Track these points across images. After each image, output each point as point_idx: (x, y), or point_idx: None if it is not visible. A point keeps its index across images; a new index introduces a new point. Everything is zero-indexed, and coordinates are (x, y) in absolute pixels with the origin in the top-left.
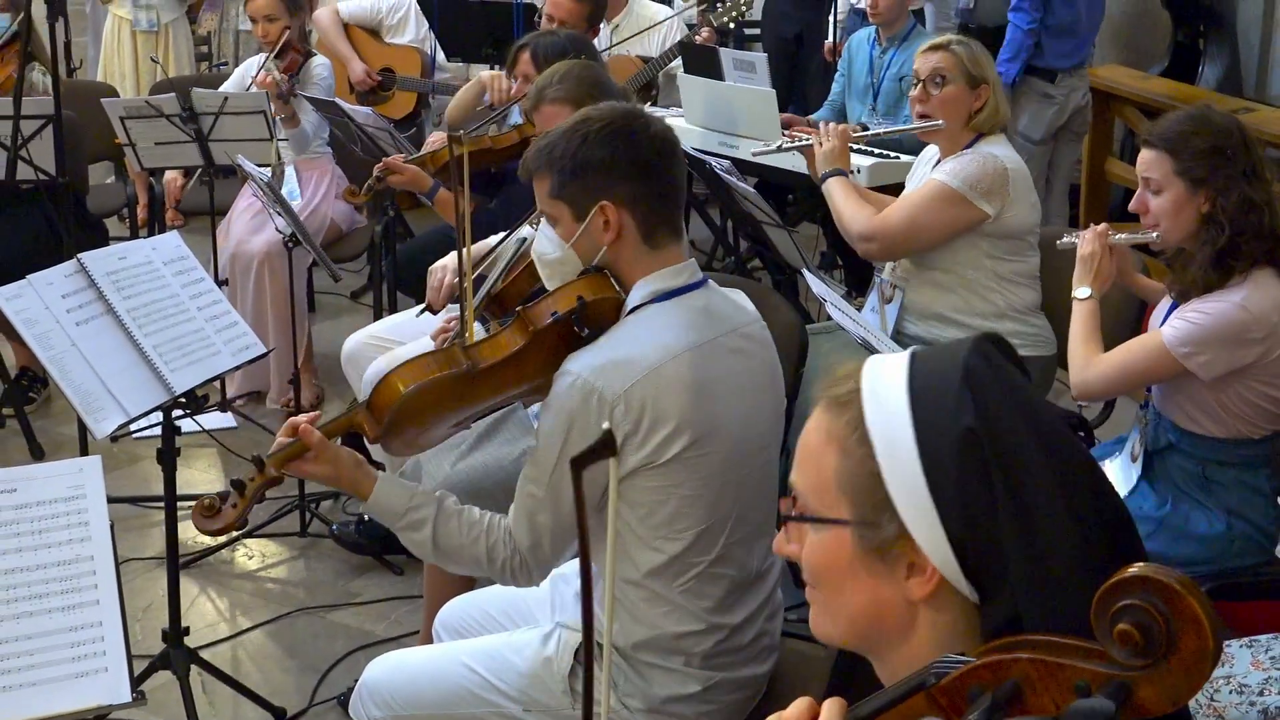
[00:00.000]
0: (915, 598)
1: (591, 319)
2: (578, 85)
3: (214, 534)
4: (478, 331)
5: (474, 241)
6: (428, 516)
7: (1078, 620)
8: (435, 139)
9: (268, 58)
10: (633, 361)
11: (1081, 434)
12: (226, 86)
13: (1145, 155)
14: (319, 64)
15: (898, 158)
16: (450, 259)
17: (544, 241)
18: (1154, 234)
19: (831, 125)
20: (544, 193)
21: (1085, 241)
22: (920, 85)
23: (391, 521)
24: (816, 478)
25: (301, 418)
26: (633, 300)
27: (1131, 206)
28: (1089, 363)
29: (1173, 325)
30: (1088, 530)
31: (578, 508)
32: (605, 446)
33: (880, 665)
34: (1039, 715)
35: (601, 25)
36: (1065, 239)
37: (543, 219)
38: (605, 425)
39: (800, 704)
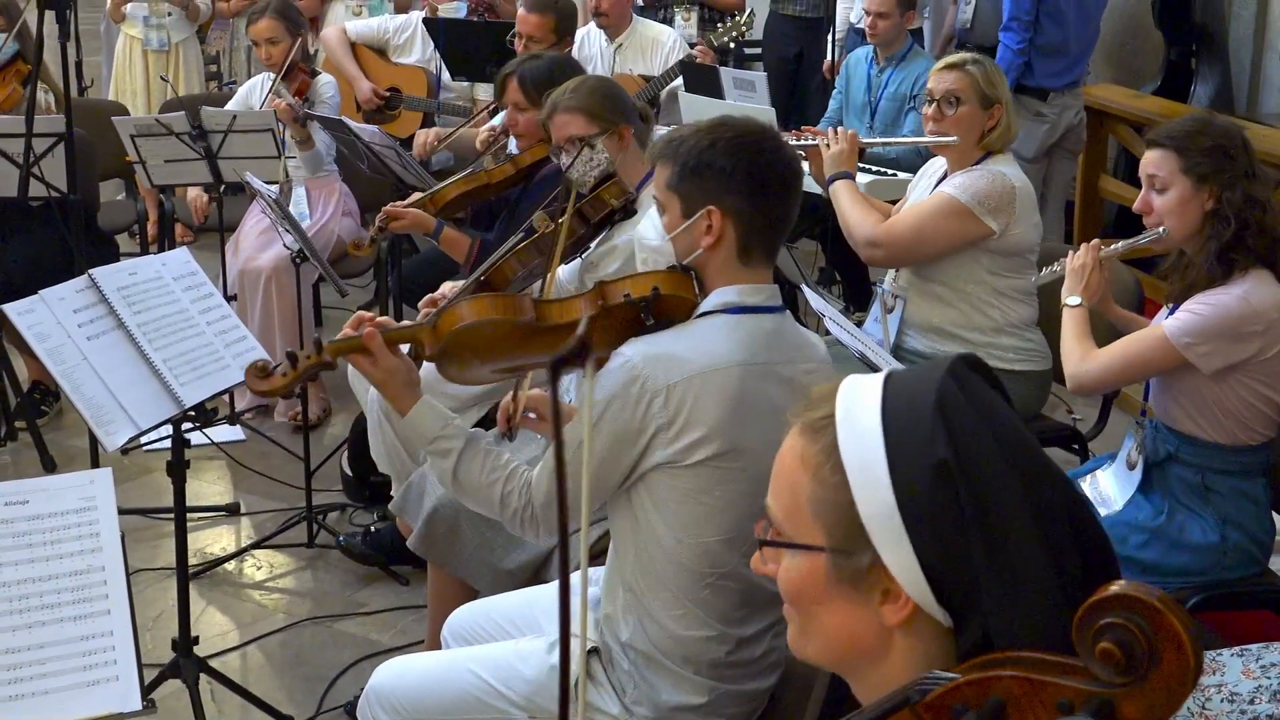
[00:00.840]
0: (890, 623)
1: (660, 311)
2: (590, 95)
3: (261, 394)
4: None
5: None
6: (455, 448)
7: (1051, 645)
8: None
9: (275, 81)
10: (684, 360)
11: (1076, 446)
12: (231, 105)
13: (1151, 155)
14: (325, 82)
15: (895, 175)
16: (446, 287)
17: (648, 226)
18: (1159, 230)
19: (840, 129)
20: (661, 181)
21: (1077, 255)
22: (935, 104)
23: (420, 444)
24: (791, 502)
25: (366, 314)
26: (706, 305)
27: (1136, 207)
28: (1085, 357)
29: (1176, 317)
30: (1062, 558)
31: (553, 407)
32: (579, 352)
33: (857, 686)
34: None
35: (598, 40)
36: (1046, 271)
37: (654, 205)
38: (680, 421)
39: None
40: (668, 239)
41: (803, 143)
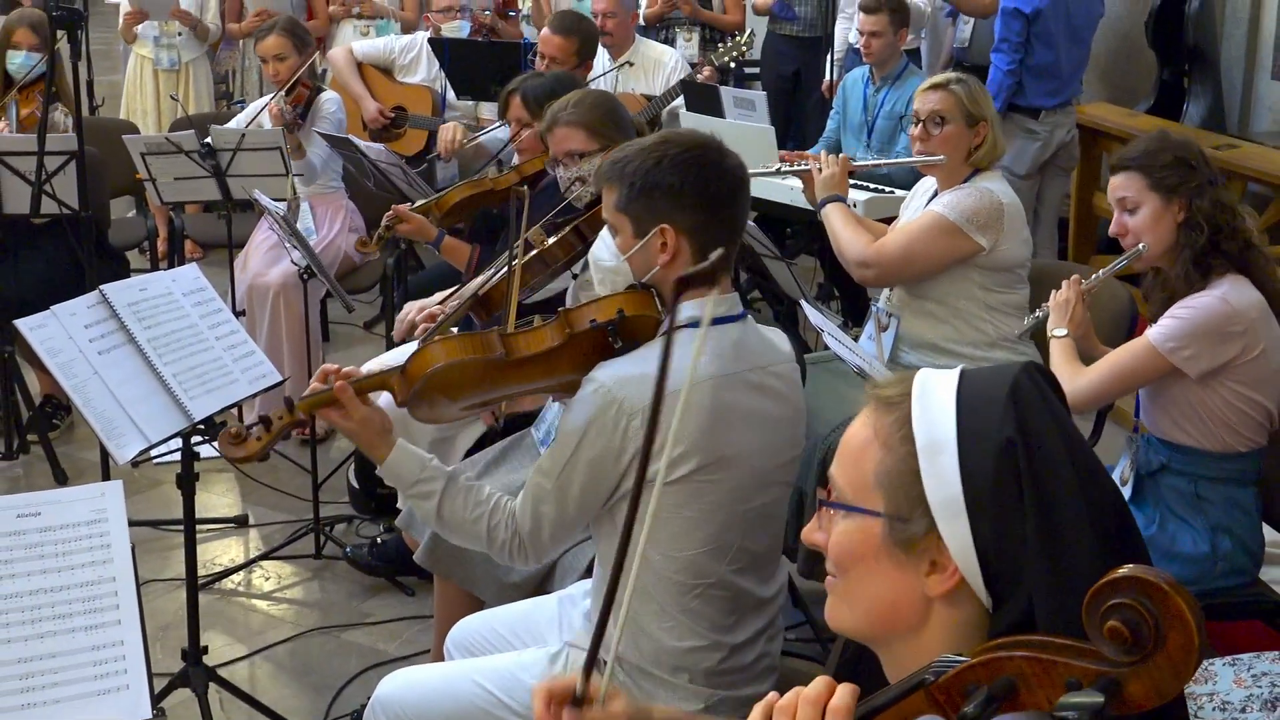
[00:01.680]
0: (933, 593)
1: (627, 332)
2: (590, 110)
3: (236, 460)
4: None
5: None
6: (436, 490)
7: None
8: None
9: (277, 94)
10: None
11: None
12: (238, 121)
13: (1117, 179)
14: (329, 99)
15: (892, 192)
16: (423, 300)
17: (603, 249)
18: (1140, 248)
19: (830, 154)
20: (610, 203)
21: (1061, 291)
22: (920, 125)
23: (401, 489)
24: (855, 471)
25: (333, 367)
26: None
27: (1112, 231)
28: (1075, 376)
29: (1159, 324)
30: (1109, 547)
31: (672, 304)
32: (712, 272)
33: (888, 657)
34: (1033, 710)
35: (600, 62)
36: (1028, 319)
37: (604, 227)
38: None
39: (819, 682)
40: (622, 259)
41: (795, 168)
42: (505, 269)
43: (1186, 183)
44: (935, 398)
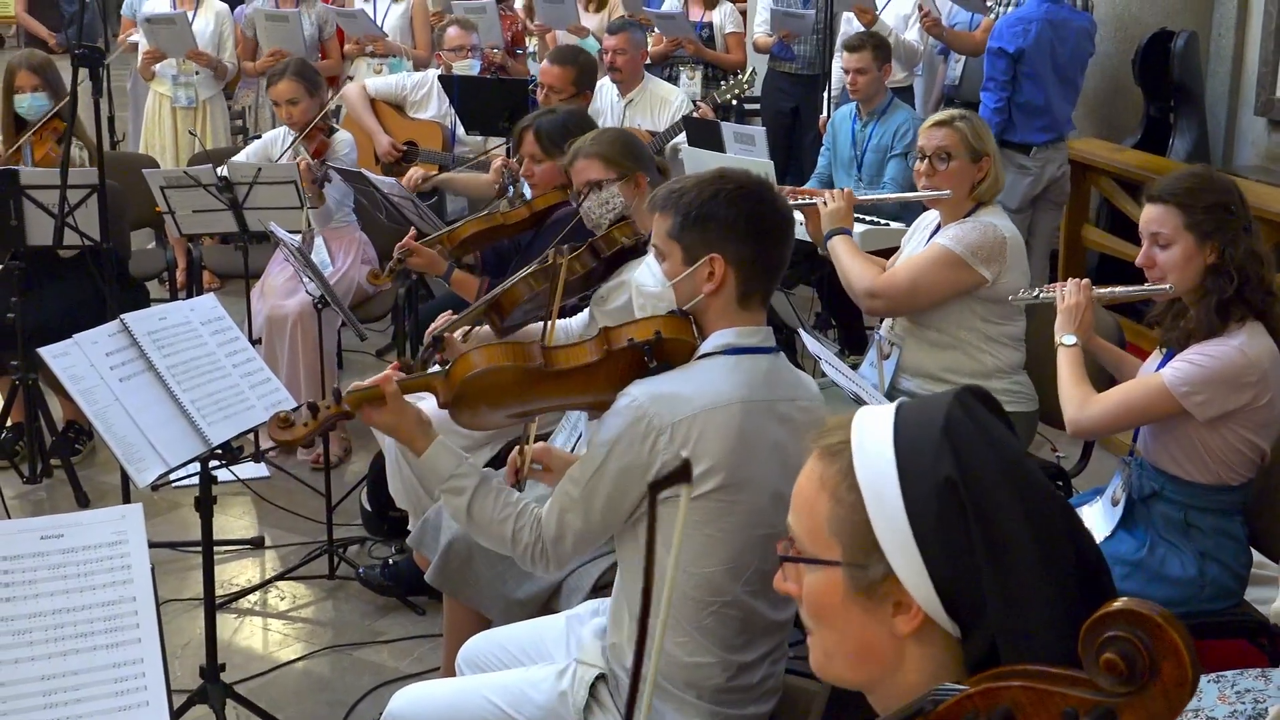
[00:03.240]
0: (902, 633)
1: (662, 354)
2: (610, 145)
3: (283, 443)
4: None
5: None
6: (469, 486)
7: (1050, 655)
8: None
9: (295, 140)
10: (687, 399)
11: (1060, 484)
12: (247, 154)
13: (1153, 211)
14: (341, 140)
15: (888, 224)
16: (443, 318)
17: (646, 274)
18: (1166, 286)
19: (837, 190)
20: (663, 230)
21: (1068, 294)
22: (927, 160)
23: (436, 483)
24: (810, 521)
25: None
26: (705, 347)
27: (1139, 262)
28: (1086, 402)
29: (1174, 367)
30: (1060, 574)
31: (649, 530)
32: (682, 473)
33: (874, 698)
34: None
35: (608, 97)
36: (1026, 293)
37: (650, 253)
38: (684, 454)
39: None
40: (668, 285)
41: (801, 202)
42: (518, 276)
43: (1224, 229)
44: (873, 443)
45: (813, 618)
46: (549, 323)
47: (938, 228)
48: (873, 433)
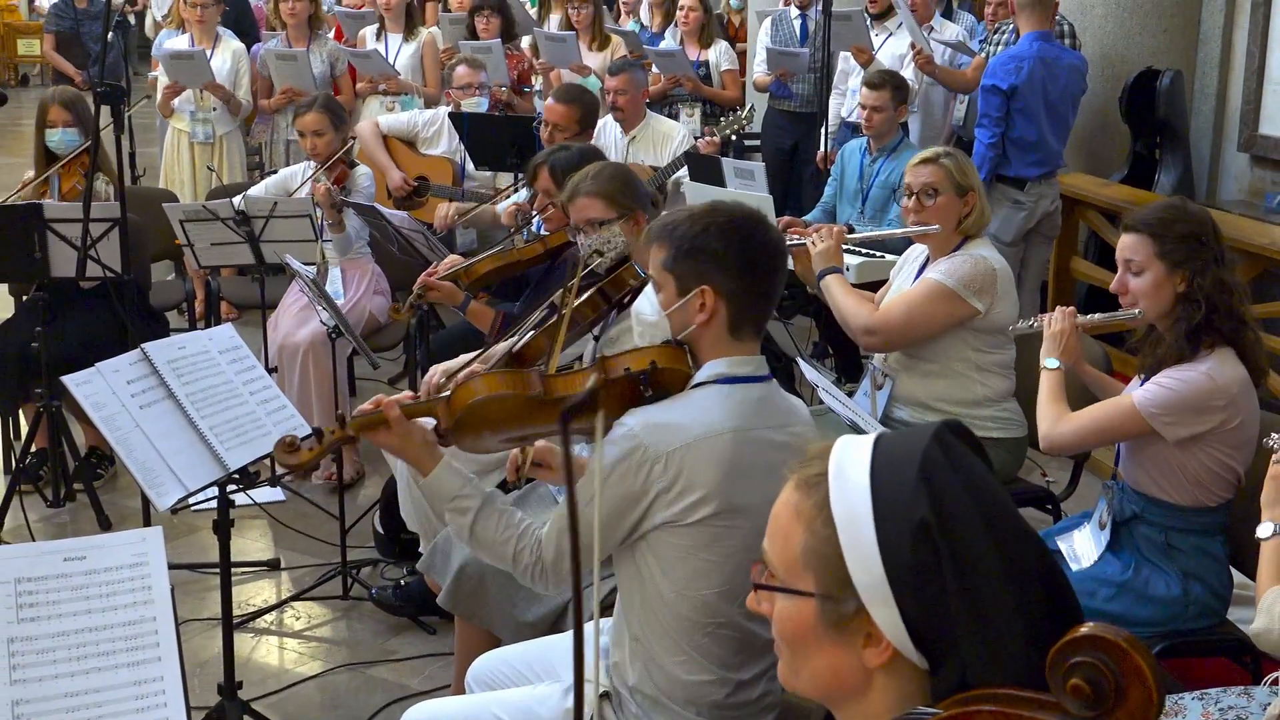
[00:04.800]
0: (871, 665)
1: (658, 383)
2: (609, 181)
3: (289, 468)
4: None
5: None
6: (473, 506)
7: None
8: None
9: (318, 169)
10: (682, 428)
11: (1049, 507)
12: (264, 187)
13: (1128, 239)
14: (362, 174)
15: (883, 257)
16: (449, 363)
17: (645, 304)
18: (1135, 312)
19: (825, 227)
20: (657, 262)
21: (1054, 320)
22: (914, 197)
23: (441, 502)
24: (784, 550)
25: (384, 396)
26: (700, 376)
27: (1113, 288)
28: (1059, 419)
29: (1144, 390)
30: (1033, 614)
31: (564, 456)
32: (591, 396)
33: (841, 717)
34: None
35: (613, 132)
36: (1022, 324)
37: (650, 284)
38: (679, 484)
39: None
40: (663, 315)
41: (792, 242)
42: (534, 329)
43: (1193, 258)
44: (851, 478)
45: (783, 641)
46: (554, 350)
47: (925, 262)
48: (851, 468)
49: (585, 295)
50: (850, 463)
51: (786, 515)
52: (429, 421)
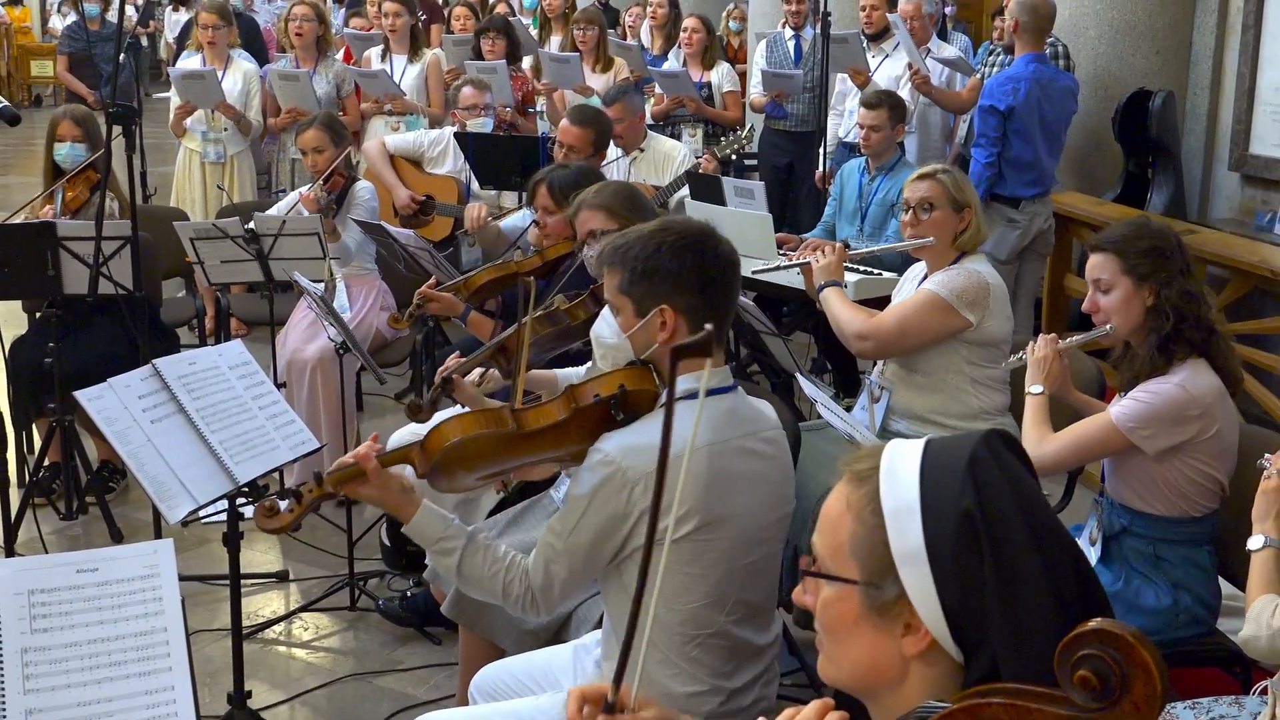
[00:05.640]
0: (909, 653)
1: (628, 406)
2: (612, 196)
3: (270, 532)
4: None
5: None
6: (457, 547)
7: (1052, 683)
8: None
9: (315, 183)
10: (657, 448)
11: None
12: (279, 208)
13: (1094, 259)
14: (363, 188)
15: (881, 274)
16: (453, 359)
17: (604, 327)
18: (1107, 327)
19: (827, 243)
20: (613, 285)
21: (1037, 348)
22: (911, 212)
23: (426, 545)
24: (833, 540)
25: (363, 446)
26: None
27: (1085, 308)
28: (1042, 440)
29: (1121, 405)
30: (1067, 608)
31: (670, 374)
32: (705, 344)
33: (875, 708)
34: None
35: (614, 153)
36: (1012, 359)
37: (606, 307)
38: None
39: (816, 704)
40: (624, 337)
41: (796, 261)
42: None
43: (1158, 271)
44: (901, 472)
45: (826, 630)
46: (517, 381)
47: (925, 277)
48: (902, 462)
49: (579, 299)
50: (901, 458)
51: (837, 507)
52: (407, 468)
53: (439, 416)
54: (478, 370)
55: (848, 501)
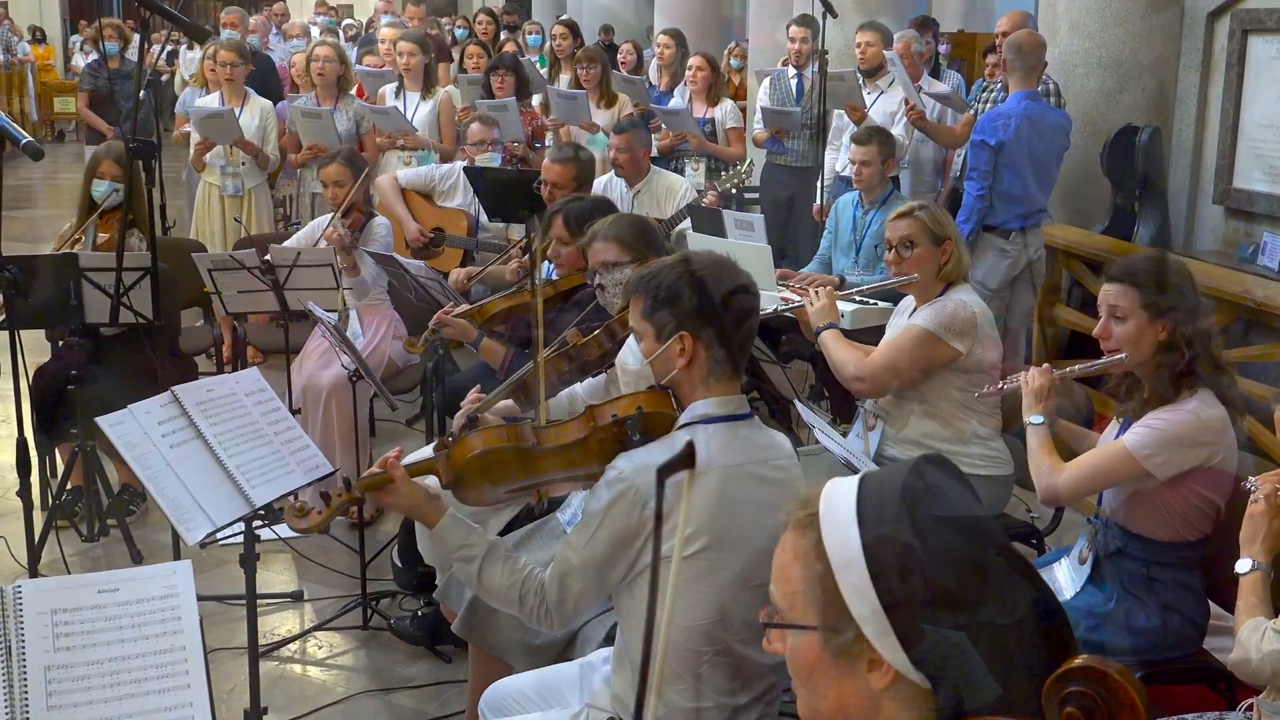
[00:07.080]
0: (877, 687)
1: (645, 427)
2: (626, 228)
3: (300, 531)
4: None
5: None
6: (478, 555)
7: (1011, 700)
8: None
9: (334, 216)
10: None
11: (1033, 541)
12: (296, 239)
13: (1113, 288)
14: (380, 224)
15: (876, 304)
16: (473, 393)
17: (628, 355)
18: (1121, 356)
19: (820, 279)
20: (637, 312)
21: (1033, 378)
22: (894, 250)
23: (448, 553)
24: (787, 589)
25: (390, 454)
26: (684, 418)
27: (1096, 333)
28: (1054, 470)
29: (1134, 433)
30: (1020, 626)
31: (655, 523)
32: (687, 459)
33: None
34: None
35: (616, 189)
36: (1006, 385)
37: (631, 336)
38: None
39: None
40: (646, 363)
41: (792, 305)
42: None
43: (1175, 309)
44: (839, 515)
45: (795, 675)
46: (540, 408)
47: (915, 310)
48: (838, 506)
49: (594, 332)
50: (838, 501)
51: (786, 557)
52: (433, 479)
53: None
54: (503, 402)
55: (794, 551)
